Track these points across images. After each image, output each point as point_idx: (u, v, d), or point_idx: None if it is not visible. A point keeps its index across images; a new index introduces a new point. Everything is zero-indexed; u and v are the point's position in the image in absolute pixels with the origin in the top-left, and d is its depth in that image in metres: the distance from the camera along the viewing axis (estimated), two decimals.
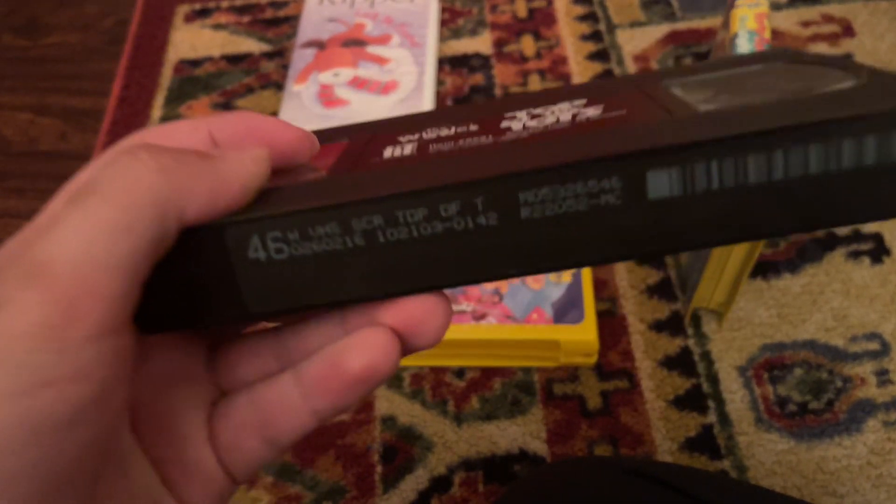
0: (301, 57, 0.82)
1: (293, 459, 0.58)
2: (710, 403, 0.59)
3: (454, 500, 0.56)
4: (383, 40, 0.83)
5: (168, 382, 0.22)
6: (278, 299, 0.22)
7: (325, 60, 0.82)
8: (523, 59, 0.85)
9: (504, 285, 0.62)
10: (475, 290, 0.62)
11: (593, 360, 0.61)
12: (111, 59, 0.90)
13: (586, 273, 0.62)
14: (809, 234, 0.68)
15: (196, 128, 0.22)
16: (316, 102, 0.78)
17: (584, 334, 0.59)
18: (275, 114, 0.79)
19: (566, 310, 0.60)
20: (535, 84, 0.82)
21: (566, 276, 0.62)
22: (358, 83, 0.80)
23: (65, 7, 0.97)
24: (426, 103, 0.77)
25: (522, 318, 0.60)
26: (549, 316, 0.60)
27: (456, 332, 0.60)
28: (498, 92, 0.82)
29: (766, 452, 0.57)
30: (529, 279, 0.62)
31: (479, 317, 0.60)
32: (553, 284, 0.62)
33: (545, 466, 0.49)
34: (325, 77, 0.80)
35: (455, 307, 0.61)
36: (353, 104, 0.77)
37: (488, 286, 0.62)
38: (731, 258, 0.58)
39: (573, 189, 0.20)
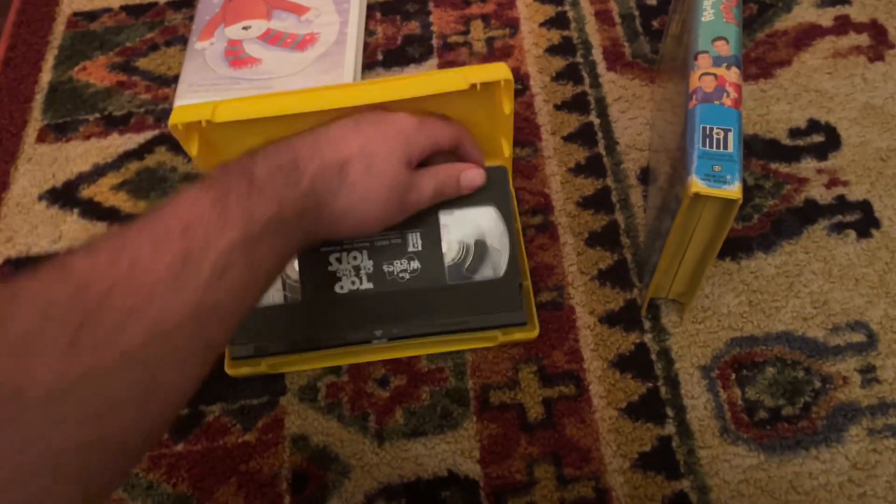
0: (207, 7, 0.71)
1: (189, 489, 0.50)
2: (669, 411, 0.51)
3: None
4: None
5: None
6: None
7: (233, 11, 0.71)
8: (465, 2, 0.74)
9: None
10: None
11: (535, 333, 0.54)
12: None
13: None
14: (787, 205, 0.59)
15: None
16: (222, 62, 0.67)
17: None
18: (177, 76, 0.69)
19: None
20: (477, 33, 0.71)
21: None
22: (271, 38, 0.69)
23: None
24: (349, 59, 0.66)
25: None
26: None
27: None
28: (436, 43, 0.71)
29: (731, 469, 0.49)
30: None
31: None
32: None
33: None
34: (233, 31, 0.69)
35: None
36: (265, 63, 0.67)
37: None
38: (693, 241, 0.48)
39: None
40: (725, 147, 0.43)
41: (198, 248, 0.33)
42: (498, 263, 0.52)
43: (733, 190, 0.42)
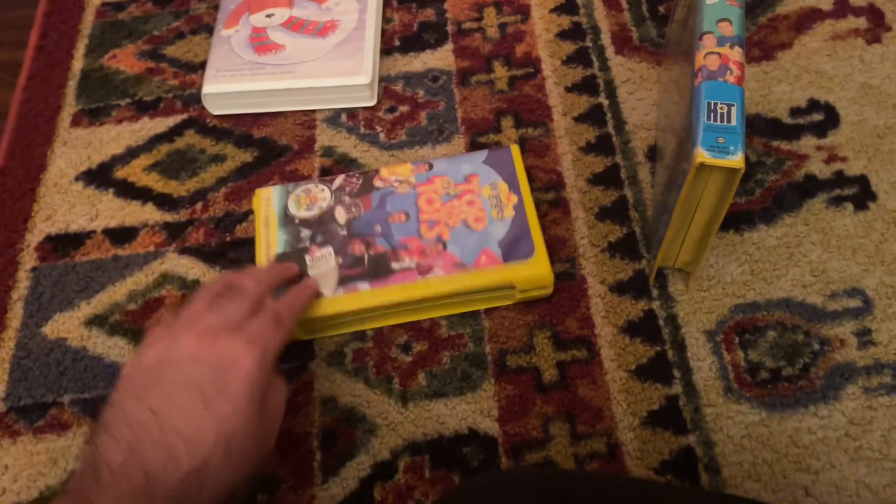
0: None
1: None
2: (676, 373, 0.55)
3: (398, 488, 0.52)
4: None
5: None
6: None
7: (257, 0, 0.74)
8: None
9: (446, 231, 0.57)
10: (416, 242, 0.57)
11: (549, 290, 0.57)
12: (27, 5, 0.82)
13: (528, 202, 0.59)
14: (788, 180, 0.62)
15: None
16: (247, 48, 0.70)
17: (537, 268, 0.56)
18: (204, 63, 0.72)
19: (514, 245, 0.56)
20: (490, 20, 0.74)
21: (508, 211, 0.58)
22: (293, 25, 0.72)
23: None
24: (367, 45, 0.69)
25: (471, 262, 0.56)
26: (498, 256, 0.56)
27: (404, 292, 0.55)
28: (450, 29, 0.74)
29: (734, 425, 0.52)
30: (471, 219, 0.57)
31: (426, 270, 0.55)
32: (496, 221, 0.58)
33: (464, 489, 0.45)
34: (258, 19, 0.73)
35: (398, 264, 0.56)
36: (289, 49, 0.70)
37: (430, 234, 0.57)
38: (698, 211, 0.52)
39: None
40: (729, 121, 0.46)
41: None
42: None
43: (736, 160, 0.45)
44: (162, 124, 0.70)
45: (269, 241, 0.58)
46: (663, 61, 0.69)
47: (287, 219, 0.59)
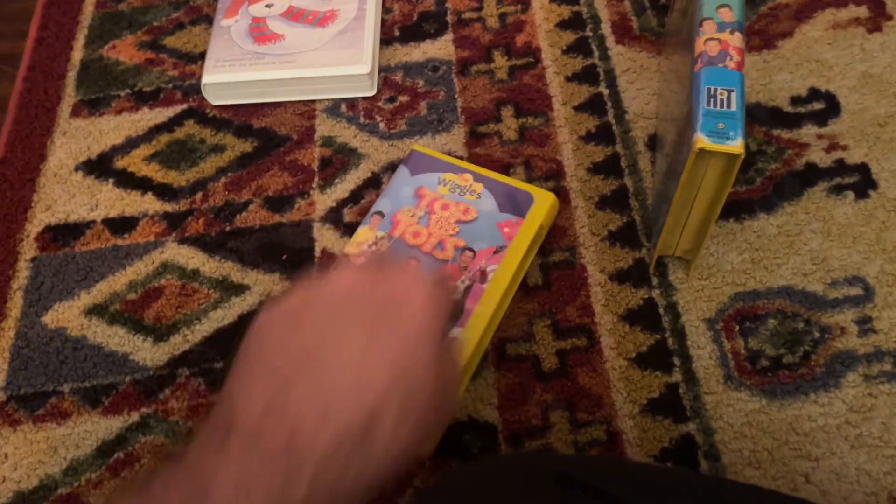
0: None
1: None
2: (676, 361, 0.54)
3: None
4: None
5: None
6: None
7: None
8: None
9: (456, 241, 0.57)
10: (448, 268, 0.56)
11: (556, 207, 0.60)
12: None
13: (478, 169, 0.61)
14: (788, 168, 0.62)
15: None
16: (247, 38, 0.70)
17: (545, 202, 0.58)
18: (203, 53, 0.72)
19: (513, 202, 0.58)
20: (490, 10, 0.74)
21: (476, 187, 0.59)
22: (293, 15, 0.72)
23: None
24: (367, 35, 0.69)
25: (501, 241, 0.57)
26: (512, 218, 0.57)
27: (489, 300, 0.54)
28: (450, 19, 0.74)
29: (734, 413, 0.52)
30: (461, 215, 0.58)
31: (482, 276, 0.55)
32: (478, 201, 0.59)
33: (463, 470, 0.45)
34: (257, 9, 0.73)
35: (458, 295, 0.54)
36: (288, 39, 0.70)
37: (448, 253, 0.57)
38: (698, 199, 0.52)
39: None
40: (729, 106, 0.46)
41: None
42: None
43: (736, 145, 0.45)
44: (162, 115, 0.70)
45: None
46: (663, 51, 0.69)
47: None
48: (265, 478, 0.28)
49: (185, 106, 0.70)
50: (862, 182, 0.61)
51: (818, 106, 0.65)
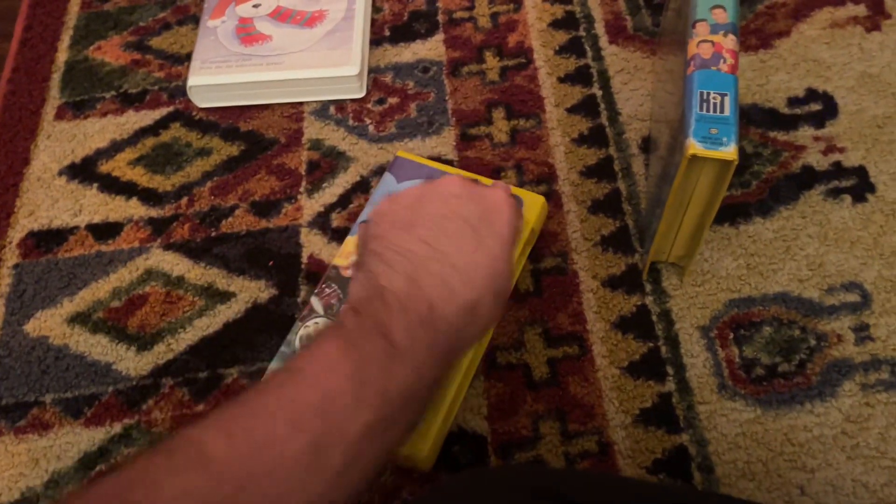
0: None
1: None
2: (669, 370, 0.53)
3: (385, 488, 0.51)
4: None
5: None
6: None
7: None
8: None
9: None
10: None
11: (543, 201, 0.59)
12: None
13: (453, 170, 0.60)
14: (785, 171, 0.61)
15: None
16: (233, 39, 0.69)
17: (535, 204, 0.58)
18: (190, 54, 0.71)
19: None
20: (482, 9, 0.73)
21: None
22: (280, 15, 0.70)
23: None
24: (356, 36, 0.68)
25: None
26: None
27: None
28: (441, 18, 0.73)
29: (728, 423, 0.51)
30: None
31: None
32: None
33: (446, 484, 0.44)
34: (244, 9, 0.71)
35: None
36: (276, 40, 0.69)
37: None
38: (691, 205, 0.50)
39: None
40: (722, 111, 0.45)
41: (332, 435, 0.32)
42: None
43: (729, 151, 0.43)
44: (147, 117, 0.69)
45: None
46: (658, 51, 0.67)
47: None
48: (421, 332, 0.36)
49: (171, 108, 0.69)
50: (860, 185, 0.60)
51: (815, 107, 0.64)
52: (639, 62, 0.68)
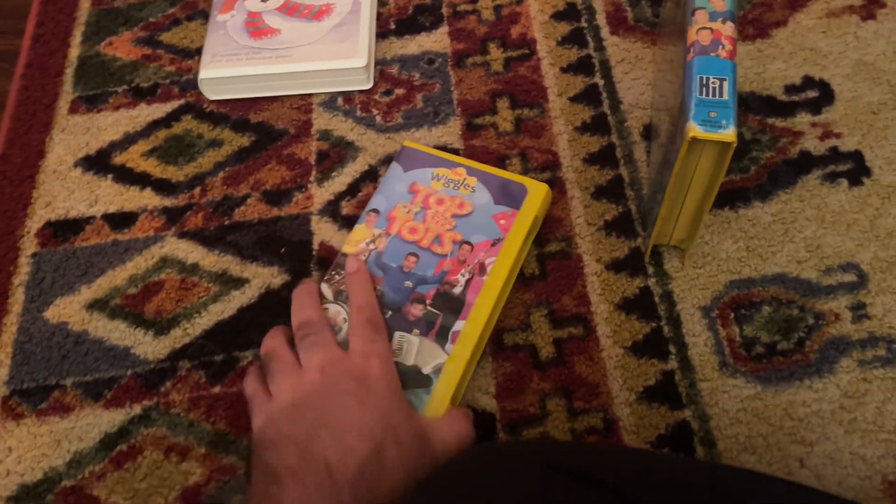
0: None
1: (227, 428, 0.54)
2: (671, 348, 0.55)
3: None
4: None
5: None
6: None
7: None
8: None
9: (454, 235, 0.57)
10: (447, 261, 0.56)
11: (550, 196, 0.61)
12: None
13: (469, 162, 0.61)
14: (783, 157, 0.62)
15: None
16: (243, 33, 0.71)
17: (538, 193, 0.59)
18: (200, 49, 0.72)
19: (506, 194, 0.59)
20: (485, 2, 0.75)
21: (470, 181, 0.60)
22: (289, 8, 0.72)
23: None
24: (363, 29, 0.70)
25: (498, 233, 0.57)
26: (507, 210, 0.58)
27: (490, 289, 0.55)
28: (446, 11, 0.74)
29: (730, 399, 0.53)
30: (456, 209, 0.59)
31: (481, 269, 0.56)
32: (473, 194, 0.59)
33: (458, 459, 0.45)
34: (253, 3, 0.73)
35: (459, 288, 0.55)
36: (284, 33, 0.70)
37: (446, 247, 0.57)
38: (692, 188, 0.52)
39: None
40: (721, 95, 0.46)
41: None
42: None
43: (728, 133, 0.45)
44: (159, 110, 0.70)
45: None
46: (658, 41, 0.69)
47: None
48: (318, 495, 0.37)
49: (182, 101, 0.71)
50: (856, 169, 0.61)
51: (812, 94, 0.65)
52: (639, 52, 0.69)
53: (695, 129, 0.45)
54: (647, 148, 0.64)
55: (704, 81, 0.47)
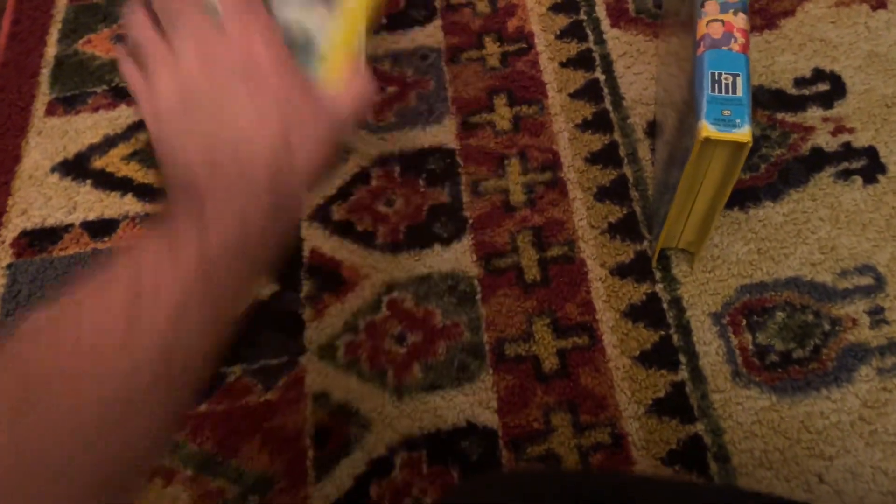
0: None
1: (214, 449, 0.52)
2: (682, 358, 0.52)
3: (395, 485, 0.50)
4: None
5: None
6: None
7: None
8: None
9: None
10: None
11: None
12: None
13: None
14: (794, 154, 0.60)
15: None
16: None
17: None
18: None
19: None
20: None
21: None
22: None
23: None
24: None
25: None
26: None
27: None
28: (439, 4, 0.71)
29: (744, 411, 0.50)
30: None
31: None
32: None
33: (464, 489, 0.42)
34: None
35: None
36: None
37: None
38: (703, 188, 0.49)
39: None
40: (734, 92, 0.44)
41: (147, 299, 0.30)
42: None
43: (743, 133, 0.42)
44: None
45: None
46: (661, 33, 0.66)
47: None
48: (239, 197, 0.34)
49: None
50: (870, 166, 0.58)
51: (823, 87, 0.62)
52: (642, 45, 0.66)
53: (707, 129, 0.42)
54: (652, 146, 0.61)
55: (717, 77, 0.44)
